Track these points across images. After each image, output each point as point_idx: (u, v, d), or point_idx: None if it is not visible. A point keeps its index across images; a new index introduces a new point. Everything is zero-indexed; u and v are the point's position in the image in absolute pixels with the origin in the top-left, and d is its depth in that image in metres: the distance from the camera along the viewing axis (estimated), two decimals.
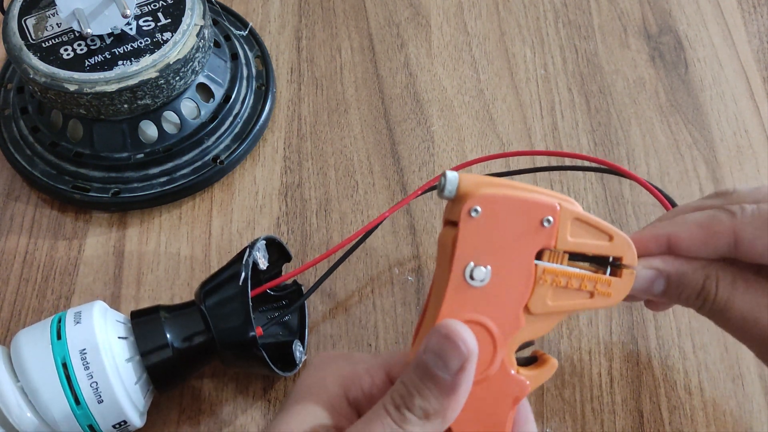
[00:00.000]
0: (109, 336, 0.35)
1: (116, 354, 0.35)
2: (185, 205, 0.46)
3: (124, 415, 0.35)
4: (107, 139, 0.45)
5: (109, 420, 0.35)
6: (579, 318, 0.42)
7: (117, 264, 0.44)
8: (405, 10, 0.54)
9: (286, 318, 0.41)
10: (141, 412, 0.37)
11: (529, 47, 0.52)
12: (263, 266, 0.39)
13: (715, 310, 0.31)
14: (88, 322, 0.35)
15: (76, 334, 0.35)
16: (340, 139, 0.49)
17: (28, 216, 0.46)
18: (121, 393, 0.35)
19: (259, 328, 0.36)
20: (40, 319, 0.42)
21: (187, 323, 0.37)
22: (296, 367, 0.39)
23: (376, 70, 0.51)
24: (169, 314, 0.37)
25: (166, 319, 0.37)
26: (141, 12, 0.44)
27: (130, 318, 0.37)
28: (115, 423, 0.35)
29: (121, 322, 0.37)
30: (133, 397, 0.36)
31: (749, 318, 0.30)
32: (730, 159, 0.48)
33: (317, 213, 0.46)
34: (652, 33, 0.53)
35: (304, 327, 0.41)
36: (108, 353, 0.35)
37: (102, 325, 0.36)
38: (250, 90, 0.49)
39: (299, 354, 0.39)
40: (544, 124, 0.49)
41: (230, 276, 0.37)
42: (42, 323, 0.36)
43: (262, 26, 0.53)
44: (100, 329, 0.35)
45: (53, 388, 0.34)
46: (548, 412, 0.40)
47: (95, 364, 0.34)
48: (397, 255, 0.44)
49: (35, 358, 0.35)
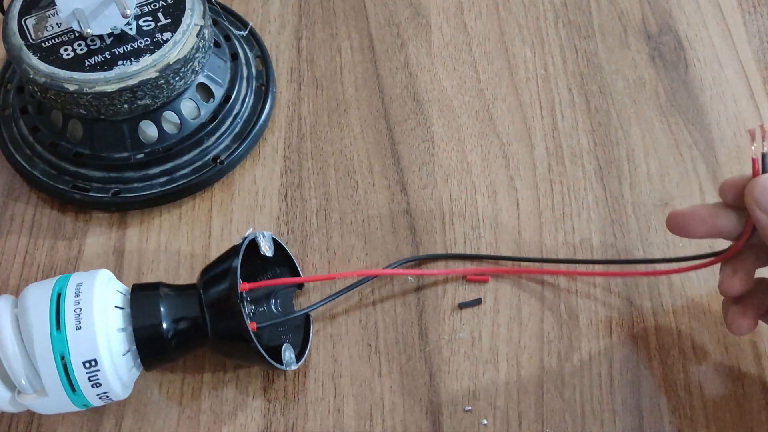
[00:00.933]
0: (106, 303, 0.36)
1: (110, 321, 0.36)
2: (185, 205, 0.46)
3: (96, 353, 0.35)
4: (107, 139, 0.45)
5: (82, 353, 0.35)
6: (579, 318, 0.42)
7: (117, 264, 0.44)
8: (405, 10, 0.54)
9: (282, 320, 0.41)
10: (124, 383, 0.37)
11: (529, 47, 0.52)
12: (269, 253, 0.40)
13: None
14: (89, 287, 0.36)
15: (76, 299, 0.36)
16: (340, 139, 0.49)
17: (28, 216, 0.46)
18: (101, 329, 0.35)
19: (254, 324, 0.36)
20: None
21: (183, 305, 0.37)
22: (285, 367, 0.39)
23: (376, 70, 0.51)
24: (169, 293, 0.38)
25: (164, 296, 0.37)
26: (141, 12, 0.44)
27: (131, 290, 0.38)
28: (85, 360, 0.35)
29: (121, 293, 0.38)
30: (118, 366, 0.36)
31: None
32: (730, 159, 0.48)
33: (317, 213, 0.46)
34: (652, 33, 0.53)
35: (308, 334, 0.41)
36: (101, 316, 0.35)
37: (102, 292, 0.36)
38: (250, 90, 0.49)
39: (287, 358, 0.39)
40: (544, 124, 0.49)
41: (227, 268, 0.37)
42: (48, 281, 0.37)
43: (262, 26, 0.53)
44: (99, 295, 0.36)
45: (42, 313, 0.35)
46: (548, 412, 0.40)
47: (85, 302, 0.35)
48: (397, 255, 0.44)
49: (35, 307, 0.36)
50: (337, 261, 0.44)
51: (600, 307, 0.43)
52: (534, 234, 0.45)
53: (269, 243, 0.40)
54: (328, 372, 0.41)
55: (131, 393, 0.39)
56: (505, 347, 0.42)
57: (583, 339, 0.42)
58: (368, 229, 0.45)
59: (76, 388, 0.35)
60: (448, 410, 0.40)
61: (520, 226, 0.45)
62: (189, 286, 0.39)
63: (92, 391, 0.36)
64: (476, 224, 0.45)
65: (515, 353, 0.41)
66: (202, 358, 0.41)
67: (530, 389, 0.40)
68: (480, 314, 0.42)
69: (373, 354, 0.41)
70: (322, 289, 0.43)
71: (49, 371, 0.35)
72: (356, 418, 0.40)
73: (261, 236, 0.39)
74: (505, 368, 0.41)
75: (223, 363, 0.41)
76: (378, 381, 0.41)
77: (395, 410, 0.40)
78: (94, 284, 0.36)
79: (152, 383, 0.40)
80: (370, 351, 0.41)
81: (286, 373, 0.41)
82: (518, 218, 0.46)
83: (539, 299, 0.43)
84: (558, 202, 0.46)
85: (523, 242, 0.45)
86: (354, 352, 0.41)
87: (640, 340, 0.41)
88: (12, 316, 0.36)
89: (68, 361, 0.35)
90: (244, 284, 0.37)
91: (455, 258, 0.44)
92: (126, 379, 0.37)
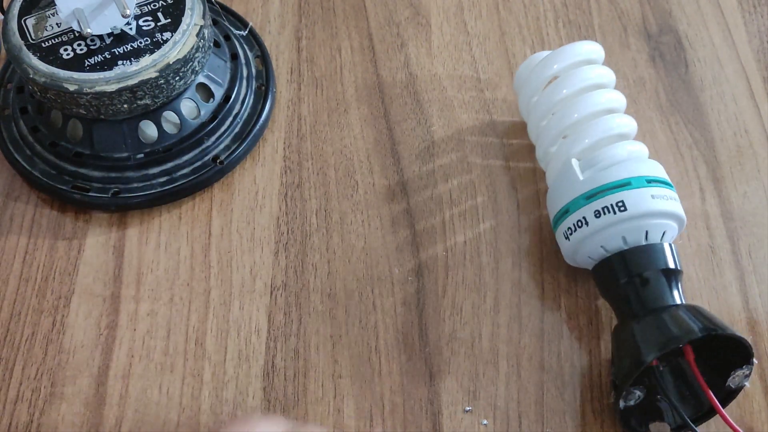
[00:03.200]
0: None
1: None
2: (185, 205, 0.46)
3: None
4: (107, 139, 0.45)
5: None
6: (579, 317, 0.42)
7: (117, 264, 0.44)
8: (405, 10, 0.54)
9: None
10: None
11: (529, 47, 0.52)
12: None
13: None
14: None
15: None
16: (340, 139, 0.49)
17: (27, 216, 0.46)
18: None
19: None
20: (40, 319, 0.42)
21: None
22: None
23: (376, 70, 0.51)
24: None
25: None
26: (141, 12, 0.44)
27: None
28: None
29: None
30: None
31: None
32: (730, 159, 0.48)
33: (317, 213, 0.46)
34: (652, 33, 0.53)
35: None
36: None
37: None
38: (250, 90, 0.49)
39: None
40: None
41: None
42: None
43: (262, 26, 0.53)
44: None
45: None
46: (548, 413, 0.40)
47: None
48: (397, 255, 0.44)
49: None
50: (337, 261, 0.44)
51: (600, 307, 0.43)
52: (534, 233, 0.45)
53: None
54: (328, 372, 0.41)
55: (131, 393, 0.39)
56: (505, 347, 0.41)
57: (582, 339, 0.42)
58: (368, 229, 0.45)
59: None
60: (448, 410, 0.40)
61: (520, 225, 0.45)
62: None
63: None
64: (476, 224, 0.45)
65: (515, 353, 0.41)
66: (202, 358, 0.41)
67: (530, 389, 0.40)
68: (480, 314, 0.42)
69: (373, 354, 0.41)
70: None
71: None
72: (356, 418, 0.40)
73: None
74: (505, 368, 0.41)
75: (223, 363, 0.41)
76: (378, 381, 0.41)
77: (395, 410, 0.40)
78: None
79: (152, 383, 0.40)
80: (370, 351, 0.41)
81: (286, 373, 0.41)
82: (518, 218, 0.45)
83: (539, 299, 0.43)
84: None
85: (522, 242, 0.45)
86: (354, 352, 0.41)
87: None
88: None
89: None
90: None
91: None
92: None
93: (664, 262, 0.38)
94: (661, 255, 0.38)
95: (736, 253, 0.44)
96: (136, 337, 0.42)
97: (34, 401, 0.40)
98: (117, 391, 0.40)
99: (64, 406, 0.40)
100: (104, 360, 0.41)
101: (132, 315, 0.42)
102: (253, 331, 0.42)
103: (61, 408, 0.40)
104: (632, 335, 0.37)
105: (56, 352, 0.41)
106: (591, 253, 0.40)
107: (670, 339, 0.35)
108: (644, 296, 0.38)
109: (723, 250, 0.44)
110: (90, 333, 0.42)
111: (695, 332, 0.35)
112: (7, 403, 0.40)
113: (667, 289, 0.38)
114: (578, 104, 0.42)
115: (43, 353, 0.41)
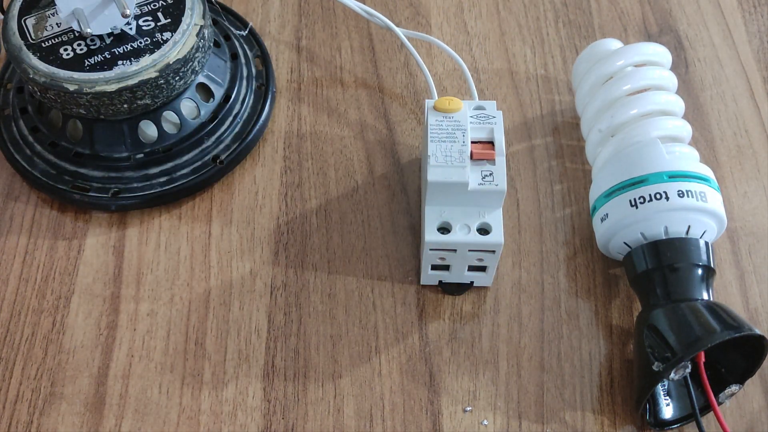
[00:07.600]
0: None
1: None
2: (185, 205, 0.46)
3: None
4: (107, 139, 0.45)
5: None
6: (579, 317, 0.42)
7: (117, 264, 0.44)
8: (405, 10, 0.54)
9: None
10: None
11: (529, 47, 0.52)
12: None
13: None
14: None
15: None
16: (340, 139, 0.49)
17: (27, 216, 0.46)
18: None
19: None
20: (40, 319, 0.42)
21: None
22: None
23: (376, 70, 0.51)
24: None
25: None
26: (141, 12, 0.44)
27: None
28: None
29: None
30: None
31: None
32: (730, 159, 0.48)
33: (317, 213, 0.46)
34: (652, 33, 0.53)
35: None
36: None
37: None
38: (250, 90, 0.49)
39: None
40: (544, 123, 0.49)
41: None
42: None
43: (262, 26, 0.53)
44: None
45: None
46: (548, 412, 0.40)
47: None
48: (397, 255, 0.44)
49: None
50: (337, 261, 0.44)
51: (600, 307, 0.43)
52: (534, 233, 0.45)
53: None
54: (328, 372, 0.41)
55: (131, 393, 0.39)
56: (505, 347, 0.42)
57: (583, 339, 0.42)
58: (368, 229, 0.45)
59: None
60: (448, 410, 0.40)
61: (520, 225, 0.45)
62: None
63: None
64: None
65: (515, 353, 0.41)
66: (202, 358, 0.41)
67: (530, 389, 0.40)
68: (480, 314, 0.42)
69: (373, 354, 0.41)
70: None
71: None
72: (356, 418, 0.40)
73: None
74: (505, 368, 0.41)
75: (223, 363, 0.41)
76: (378, 381, 0.41)
77: (395, 410, 0.40)
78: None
79: (152, 383, 0.41)
80: (370, 351, 0.41)
81: (286, 373, 0.41)
82: (518, 218, 0.46)
83: (539, 299, 0.43)
84: (558, 202, 0.46)
85: (522, 242, 0.45)
86: (354, 352, 0.41)
87: None
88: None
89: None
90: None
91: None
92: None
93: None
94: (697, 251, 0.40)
95: (736, 253, 0.44)
96: (136, 337, 0.42)
97: (34, 401, 0.40)
98: (117, 391, 0.40)
99: (64, 406, 0.40)
100: (104, 360, 0.41)
101: (132, 315, 0.42)
102: (253, 331, 0.42)
103: (61, 408, 0.40)
104: (699, 313, 0.37)
105: (56, 352, 0.41)
106: (637, 234, 0.40)
107: (745, 326, 0.36)
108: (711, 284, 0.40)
109: (723, 250, 0.44)
110: (90, 333, 0.42)
111: (753, 330, 0.36)
112: (7, 403, 0.40)
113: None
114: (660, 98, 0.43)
115: (43, 353, 0.41)
